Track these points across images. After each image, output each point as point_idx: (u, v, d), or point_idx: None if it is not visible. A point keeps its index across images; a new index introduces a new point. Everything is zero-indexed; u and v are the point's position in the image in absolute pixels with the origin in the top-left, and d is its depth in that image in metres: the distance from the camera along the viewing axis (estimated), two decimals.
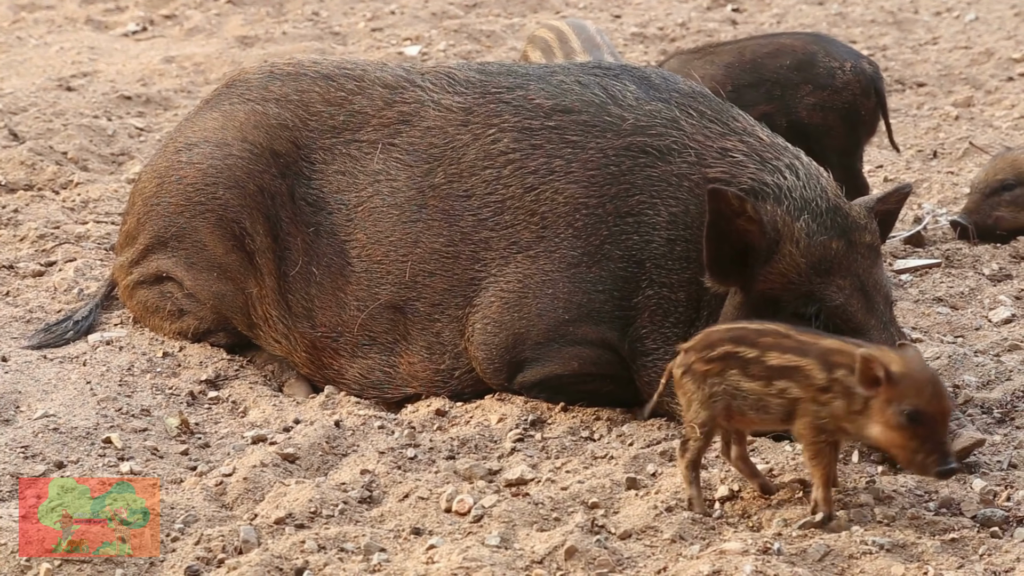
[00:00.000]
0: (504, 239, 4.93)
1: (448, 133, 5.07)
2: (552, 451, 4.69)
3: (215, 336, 5.34)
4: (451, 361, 4.99)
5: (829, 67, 6.52)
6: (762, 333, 4.13)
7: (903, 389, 3.92)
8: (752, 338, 4.12)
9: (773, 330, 4.13)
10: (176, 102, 8.32)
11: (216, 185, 5.25)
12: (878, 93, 6.54)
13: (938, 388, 3.96)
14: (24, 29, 9.84)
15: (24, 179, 6.87)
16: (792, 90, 6.44)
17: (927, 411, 3.92)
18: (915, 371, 3.95)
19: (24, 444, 4.60)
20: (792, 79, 6.47)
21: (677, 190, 4.80)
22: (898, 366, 3.93)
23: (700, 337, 4.22)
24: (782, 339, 4.09)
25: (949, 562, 3.95)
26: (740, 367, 4.10)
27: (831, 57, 6.57)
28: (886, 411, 3.93)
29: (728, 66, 6.56)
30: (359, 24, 10.03)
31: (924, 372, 3.98)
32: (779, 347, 4.07)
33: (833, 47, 6.70)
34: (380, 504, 4.37)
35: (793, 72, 6.46)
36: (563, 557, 3.97)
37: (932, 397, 3.92)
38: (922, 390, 3.92)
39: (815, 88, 6.46)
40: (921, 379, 3.94)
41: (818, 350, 4.05)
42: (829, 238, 4.60)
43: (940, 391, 3.96)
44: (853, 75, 6.51)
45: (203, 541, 4.11)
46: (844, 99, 6.46)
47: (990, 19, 10.16)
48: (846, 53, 6.66)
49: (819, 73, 6.50)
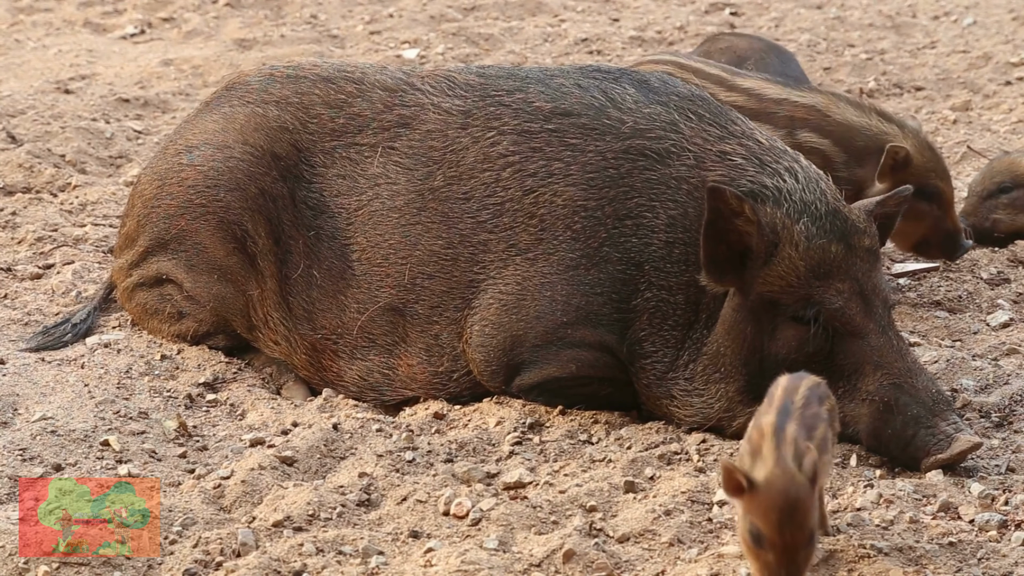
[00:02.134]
0: (503, 241, 4.93)
1: (448, 136, 5.07)
2: (550, 454, 4.69)
3: (214, 339, 5.34)
4: (449, 363, 4.99)
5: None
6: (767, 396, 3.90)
7: (755, 505, 3.58)
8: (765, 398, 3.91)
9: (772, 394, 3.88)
10: (174, 105, 8.32)
11: (217, 187, 5.25)
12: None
13: (787, 515, 3.55)
14: (22, 31, 9.84)
15: (22, 181, 6.87)
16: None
17: (770, 537, 3.56)
18: (774, 489, 3.57)
19: (22, 447, 4.60)
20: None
21: (676, 193, 4.80)
22: (762, 478, 3.59)
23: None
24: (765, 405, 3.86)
25: (947, 566, 3.95)
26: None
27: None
28: (742, 522, 3.63)
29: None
30: (357, 27, 10.03)
31: (781, 494, 3.57)
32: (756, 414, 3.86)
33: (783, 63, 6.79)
34: (378, 507, 4.37)
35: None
36: (561, 560, 3.97)
37: (777, 523, 3.55)
38: (769, 513, 3.56)
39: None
40: (774, 501, 3.56)
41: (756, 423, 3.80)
42: (828, 241, 4.60)
43: (788, 519, 3.55)
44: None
45: (201, 544, 4.11)
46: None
47: (988, 23, 10.17)
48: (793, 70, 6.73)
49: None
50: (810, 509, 3.59)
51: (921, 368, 4.60)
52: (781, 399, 3.84)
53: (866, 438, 4.56)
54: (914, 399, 4.51)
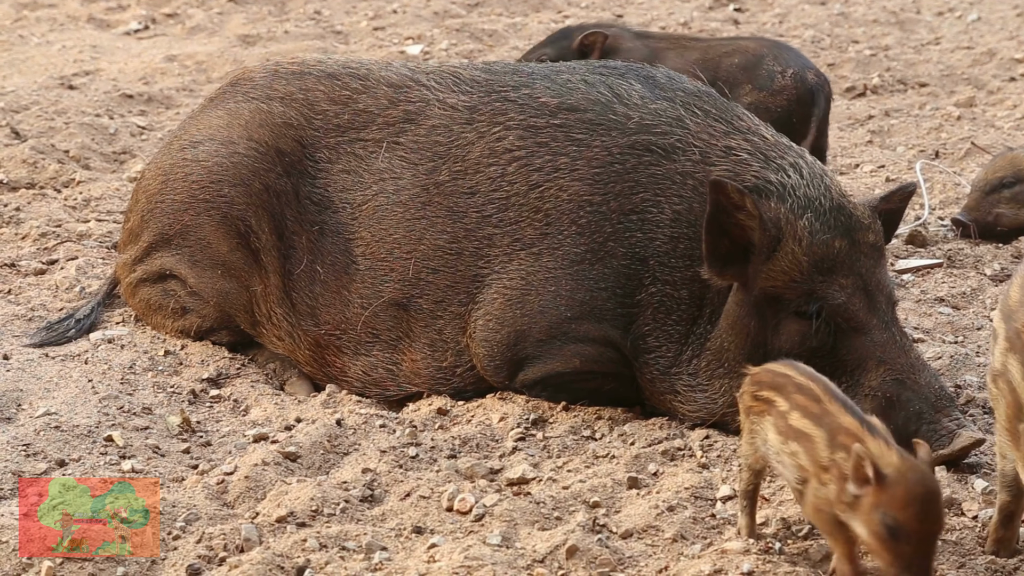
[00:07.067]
0: (508, 236, 4.93)
1: (453, 131, 5.07)
2: (554, 450, 4.69)
3: (217, 334, 5.34)
4: (453, 358, 4.99)
5: (771, 70, 6.84)
6: (800, 388, 3.85)
7: (889, 497, 3.51)
8: (789, 391, 3.86)
9: (810, 388, 3.83)
10: (178, 101, 8.33)
11: (222, 183, 5.25)
12: (815, 104, 6.80)
13: (929, 506, 3.51)
14: (26, 27, 9.85)
15: (26, 177, 6.87)
16: (736, 88, 6.62)
17: (908, 528, 3.50)
18: (910, 480, 3.52)
19: (26, 442, 4.60)
20: (738, 78, 6.66)
21: (681, 188, 4.80)
22: (892, 469, 3.53)
23: (760, 370, 3.98)
24: (811, 402, 3.79)
25: (950, 562, 3.95)
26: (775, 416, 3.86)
27: (777, 62, 6.90)
28: (871, 515, 3.54)
29: (695, 62, 6.75)
30: (361, 23, 10.04)
31: (920, 484, 3.53)
32: (804, 409, 3.79)
33: (785, 53, 7.01)
34: (381, 503, 4.37)
35: (740, 71, 6.72)
36: (564, 556, 3.97)
37: (918, 515, 3.50)
38: (909, 505, 3.49)
39: (753, 88, 6.66)
40: (913, 492, 3.51)
41: (831, 424, 3.71)
42: (832, 237, 4.60)
43: (930, 509, 3.52)
44: (791, 81, 6.81)
45: (205, 539, 4.11)
46: (778, 103, 6.74)
47: (992, 19, 10.17)
48: (794, 61, 6.95)
49: (760, 75, 6.81)
50: (942, 498, 3.59)
51: (924, 364, 4.60)
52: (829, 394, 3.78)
53: None
54: (917, 395, 4.50)
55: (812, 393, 3.80)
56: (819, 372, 3.95)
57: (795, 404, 3.80)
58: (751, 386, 3.96)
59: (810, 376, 3.87)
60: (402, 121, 5.15)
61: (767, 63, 6.90)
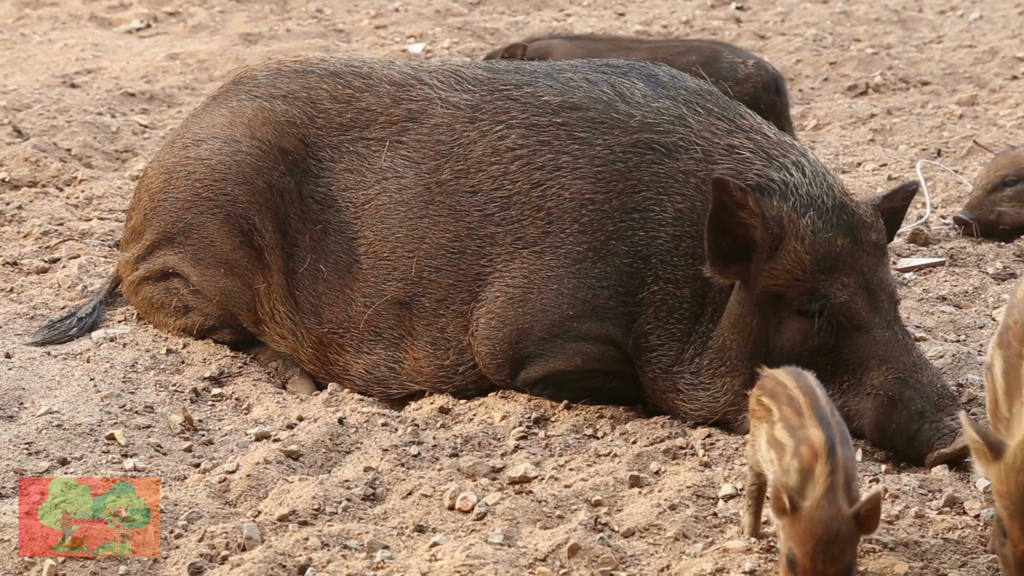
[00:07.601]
0: (510, 234, 4.93)
1: (455, 130, 5.07)
2: (555, 449, 4.69)
3: (220, 333, 5.34)
4: (455, 357, 5.00)
5: (732, 62, 7.14)
6: (791, 400, 3.84)
7: (794, 531, 3.53)
8: (782, 401, 3.85)
9: (797, 400, 3.82)
10: (180, 99, 8.33)
11: (225, 181, 5.25)
12: (779, 92, 7.08)
13: (825, 547, 3.50)
14: (28, 26, 9.85)
15: (28, 176, 6.88)
16: None
17: (802, 566, 3.52)
18: (815, 518, 3.51)
19: (28, 440, 4.60)
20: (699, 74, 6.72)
21: (683, 187, 4.80)
22: (808, 503, 3.53)
23: (768, 375, 3.96)
24: (794, 414, 3.79)
25: (952, 561, 3.95)
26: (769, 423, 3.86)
27: (735, 55, 7.23)
28: (783, 543, 3.58)
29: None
30: (363, 21, 10.04)
31: (822, 524, 3.51)
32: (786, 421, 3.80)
33: (737, 50, 7.38)
34: (383, 501, 4.37)
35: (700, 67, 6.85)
36: (566, 555, 3.97)
37: (811, 553, 3.50)
38: (806, 542, 3.50)
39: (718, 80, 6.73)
40: (812, 531, 3.51)
41: (799, 437, 3.70)
42: (834, 235, 4.60)
43: (825, 551, 3.50)
44: (755, 70, 7.12)
45: (206, 538, 4.11)
46: (745, 91, 6.94)
47: (994, 18, 10.16)
48: (748, 55, 7.32)
49: (723, 67, 7.05)
50: (850, 544, 3.54)
51: (926, 363, 4.60)
52: (812, 406, 3.78)
53: (871, 432, 4.56)
54: (919, 394, 4.50)
55: (797, 405, 3.80)
56: (821, 371, 3.95)
57: (782, 415, 3.81)
58: (758, 390, 3.97)
59: (804, 388, 3.86)
60: (405, 120, 5.15)
61: (726, 56, 7.18)
